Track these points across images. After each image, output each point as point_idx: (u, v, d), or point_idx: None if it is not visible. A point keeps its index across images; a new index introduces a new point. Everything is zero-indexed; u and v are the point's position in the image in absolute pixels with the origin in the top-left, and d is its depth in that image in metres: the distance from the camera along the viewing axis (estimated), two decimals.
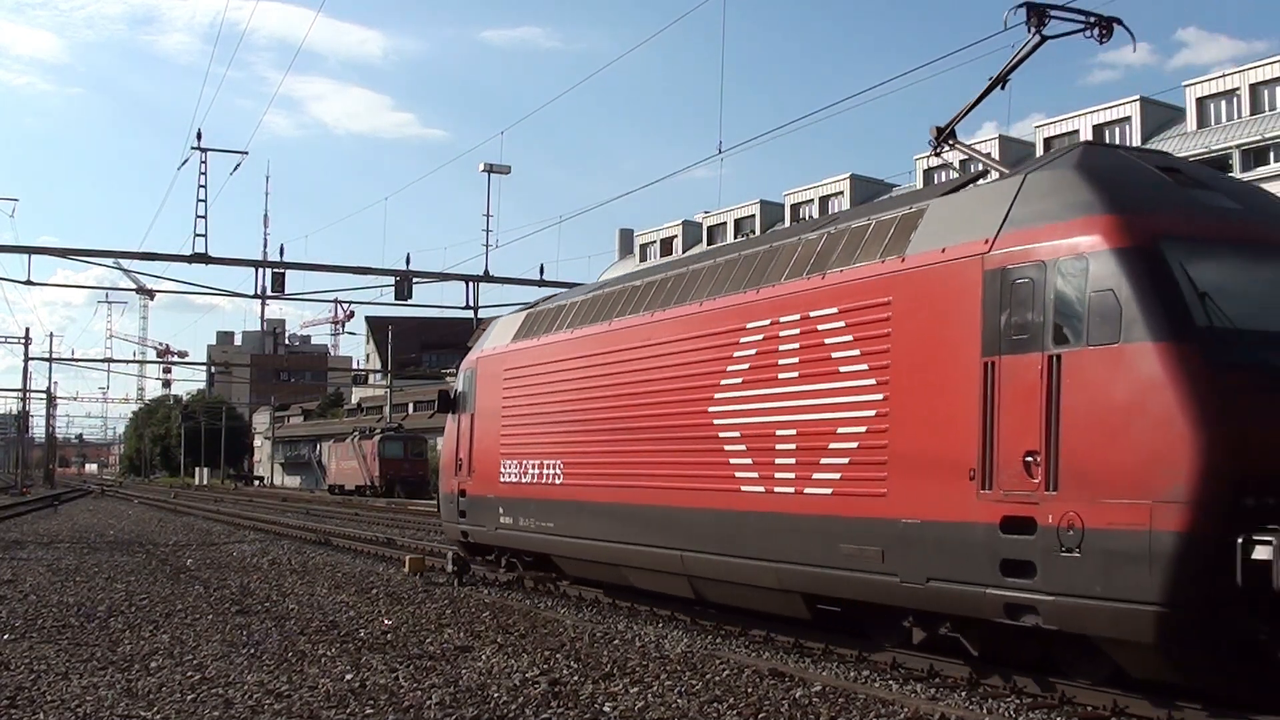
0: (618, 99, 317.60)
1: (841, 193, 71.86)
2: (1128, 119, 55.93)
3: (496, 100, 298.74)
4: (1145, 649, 9.06)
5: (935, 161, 65.54)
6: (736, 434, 13.26)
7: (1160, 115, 55.74)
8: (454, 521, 20.70)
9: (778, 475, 12.57)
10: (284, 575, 20.97)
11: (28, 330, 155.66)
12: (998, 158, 63.63)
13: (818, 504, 11.92)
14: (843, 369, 11.83)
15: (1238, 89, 51.82)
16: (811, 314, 12.35)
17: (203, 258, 34.39)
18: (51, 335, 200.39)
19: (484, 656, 12.12)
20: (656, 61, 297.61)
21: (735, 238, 78.33)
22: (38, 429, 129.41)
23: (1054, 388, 9.54)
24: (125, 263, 37.75)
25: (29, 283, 37.12)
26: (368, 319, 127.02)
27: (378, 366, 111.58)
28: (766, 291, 13.21)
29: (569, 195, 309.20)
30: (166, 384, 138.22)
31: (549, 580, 18.80)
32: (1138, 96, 55.86)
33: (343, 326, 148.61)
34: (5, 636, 13.23)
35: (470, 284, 37.42)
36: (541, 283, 36.88)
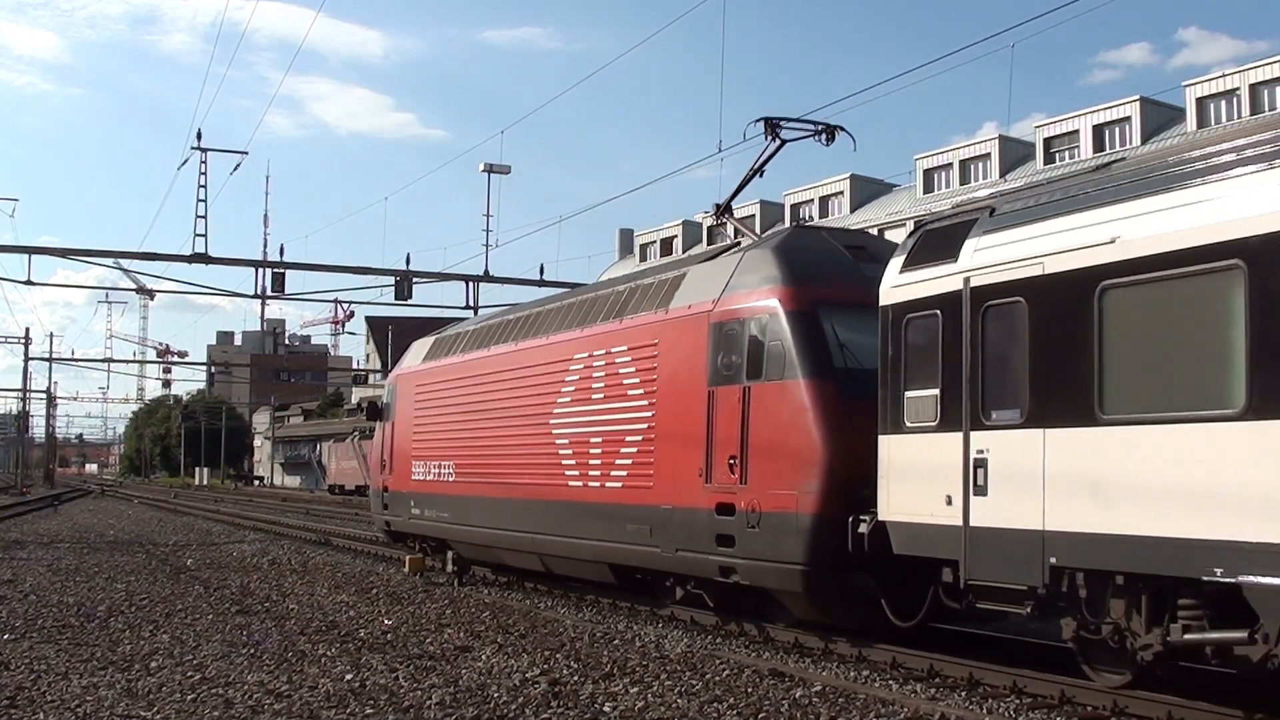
0: (618, 99, 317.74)
1: (841, 193, 71.82)
2: (1127, 119, 55.92)
3: (497, 101, 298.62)
4: (799, 597, 12.75)
5: (936, 162, 65.69)
6: (566, 441, 16.81)
7: (1160, 115, 55.72)
8: (379, 513, 24.64)
9: (591, 473, 16.18)
10: (284, 575, 20.97)
11: (28, 330, 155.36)
12: (998, 158, 63.77)
13: (614, 495, 15.54)
14: (629, 393, 15.45)
15: (1238, 89, 51.77)
16: (612, 350, 16.00)
17: (203, 258, 34.33)
18: (51, 335, 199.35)
19: (484, 656, 12.12)
20: (656, 61, 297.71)
21: (735, 238, 78.29)
22: (38, 429, 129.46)
23: (746, 410, 13.13)
24: (125, 263, 37.69)
25: (29, 283, 37.00)
26: (368, 319, 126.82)
27: (378, 366, 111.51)
28: (587, 331, 16.79)
29: (569, 195, 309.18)
30: (166, 384, 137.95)
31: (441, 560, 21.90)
32: (1137, 97, 55.81)
33: (343, 326, 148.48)
34: (5, 636, 13.23)
35: (470, 284, 37.33)
36: (541, 283, 36.79)
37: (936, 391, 11.02)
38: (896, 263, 11.86)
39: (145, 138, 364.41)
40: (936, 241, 11.50)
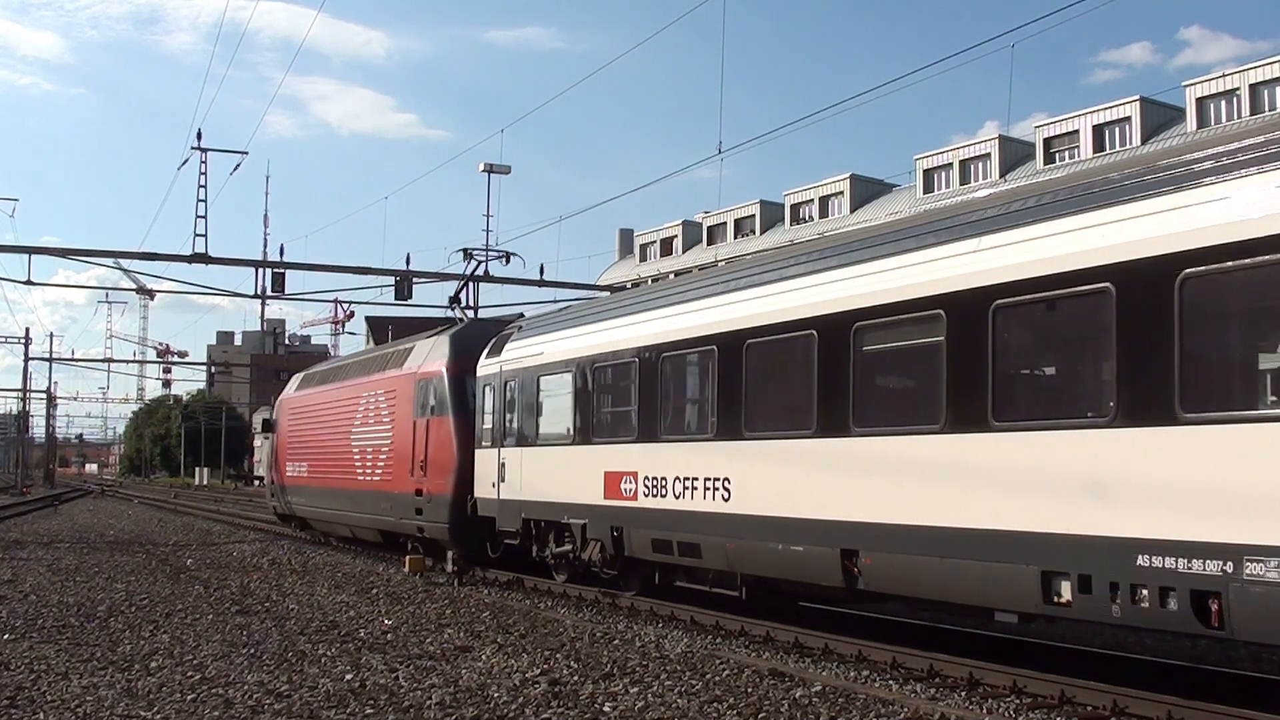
0: (619, 99, 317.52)
1: (842, 193, 71.78)
2: (1127, 119, 55.88)
3: (500, 101, 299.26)
4: (449, 542, 21.07)
5: (936, 162, 65.66)
6: (358, 451, 25.92)
7: (1160, 115, 55.68)
8: (269, 500, 36.06)
9: (367, 470, 25.23)
10: (284, 575, 20.97)
11: (28, 330, 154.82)
12: (998, 158, 63.60)
13: (377, 485, 24.55)
14: (383, 420, 24.45)
15: (1238, 89, 51.74)
16: (377, 393, 25.01)
17: (203, 258, 34.27)
18: (52, 335, 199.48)
19: (484, 656, 12.12)
20: (658, 61, 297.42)
21: (735, 238, 78.39)
22: (38, 429, 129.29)
23: (428, 434, 21.89)
24: (125, 263, 37.63)
25: (29, 283, 36.96)
26: (368, 319, 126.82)
27: None
28: (367, 379, 26.16)
29: (569, 195, 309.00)
30: (166, 384, 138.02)
31: (312, 534, 31.83)
32: (1137, 97, 55.76)
33: (343, 326, 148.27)
34: (5, 636, 13.23)
35: (470, 284, 37.25)
36: (541, 283, 36.78)
37: (491, 426, 20.01)
38: (484, 352, 20.64)
39: (147, 138, 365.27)
40: (498, 343, 20.40)
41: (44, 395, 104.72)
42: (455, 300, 28.66)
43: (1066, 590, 9.44)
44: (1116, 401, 9.13)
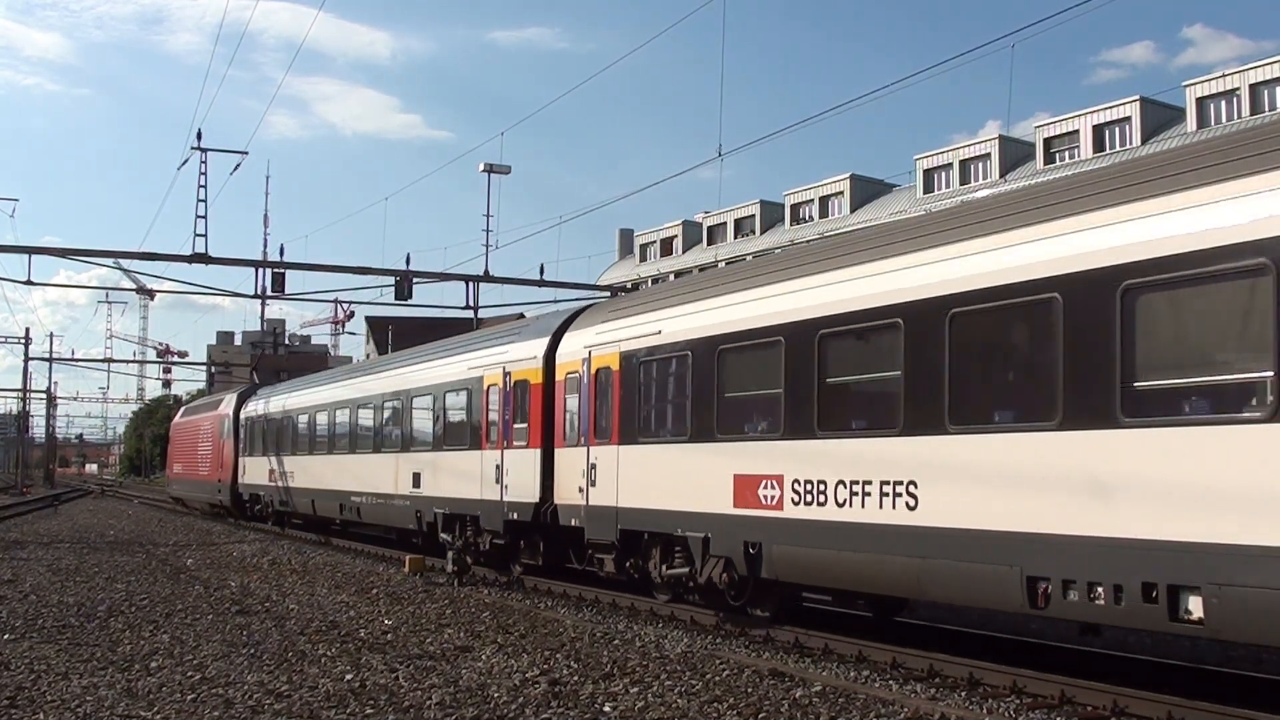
0: (620, 99, 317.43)
1: (842, 193, 71.77)
2: (1128, 119, 55.85)
3: (503, 102, 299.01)
4: (233, 509, 41.01)
5: (936, 162, 65.64)
6: (200, 456, 46.16)
7: (1160, 115, 55.65)
8: (167, 489, 58.43)
9: (203, 468, 45.57)
10: (284, 575, 20.96)
11: (28, 330, 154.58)
12: (998, 158, 63.35)
13: (206, 476, 44.85)
14: (210, 439, 44.49)
15: (1238, 89, 51.73)
16: (209, 423, 45.06)
17: (203, 258, 34.18)
18: (52, 335, 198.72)
19: (484, 656, 12.12)
20: (659, 62, 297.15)
21: (735, 238, 78.41)
22: (38, 429, 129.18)
23: (224, 448, 41.91)
24: (125, 263, 37.56)
25: (29, 283, 36.85)
26: (368, 319, 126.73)
27: None
28: (208, 414, 46.09)
29: (570, 195, 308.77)
30: (166, 384, 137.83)
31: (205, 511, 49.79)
32: (1137, 97, 55.73)
33: (343, 326, 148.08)
34: (5, 636, 13.23)
35: (470, 284, 37.21)
36: (541, 283, 36.74)
37: (244, 444, 39.65)
38: (244, 404, 40.24)
39: (151, 138, 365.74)
40: (250, 400, 39.67)
41: (44, 395, 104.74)
42: (255, 369, 52.64)
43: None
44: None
